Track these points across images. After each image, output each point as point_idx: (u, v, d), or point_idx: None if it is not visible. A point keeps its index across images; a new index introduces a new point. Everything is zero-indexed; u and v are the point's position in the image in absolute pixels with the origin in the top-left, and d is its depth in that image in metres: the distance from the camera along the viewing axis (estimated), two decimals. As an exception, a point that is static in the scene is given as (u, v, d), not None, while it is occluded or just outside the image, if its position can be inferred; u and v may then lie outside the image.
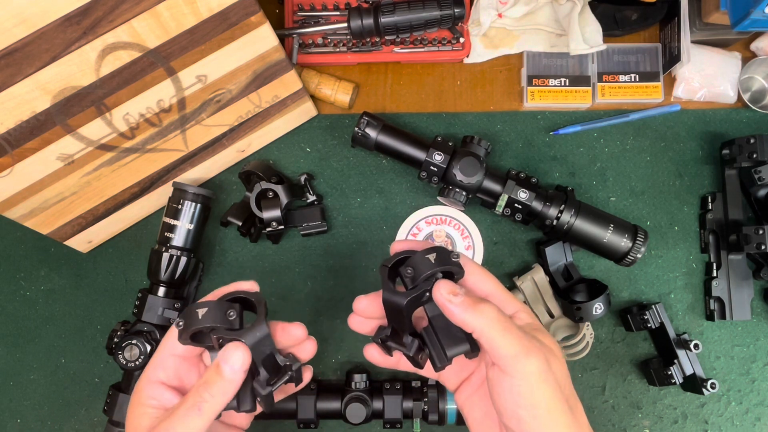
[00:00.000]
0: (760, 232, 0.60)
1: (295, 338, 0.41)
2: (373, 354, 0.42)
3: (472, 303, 0.36)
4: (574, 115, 0.70)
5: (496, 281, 0.40)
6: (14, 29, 0.41)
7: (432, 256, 0.37)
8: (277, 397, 0.42)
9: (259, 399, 0.39)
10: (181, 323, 0.37)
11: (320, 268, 0.68)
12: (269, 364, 0.39)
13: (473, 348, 0.39)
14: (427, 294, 0.38)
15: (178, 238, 0.61)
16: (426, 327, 0.40)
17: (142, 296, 0.62)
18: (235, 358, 0.36)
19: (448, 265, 0.37)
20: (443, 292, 0.36)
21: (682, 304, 0.67)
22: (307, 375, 0.42)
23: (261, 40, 0.54)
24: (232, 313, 0.37)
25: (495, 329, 0.35)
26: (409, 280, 0.37)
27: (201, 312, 0.37)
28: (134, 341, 0.59)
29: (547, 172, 0.69)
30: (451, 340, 0.39)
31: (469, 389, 0.42)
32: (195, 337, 0.39)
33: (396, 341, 0.39)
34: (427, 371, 0.42)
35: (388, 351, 0.41)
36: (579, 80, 0.69)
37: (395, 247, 0.40)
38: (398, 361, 0.43)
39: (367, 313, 0.41)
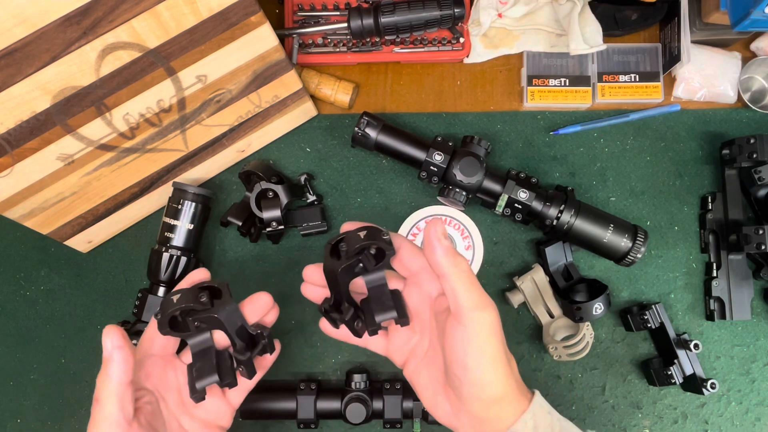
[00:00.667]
0: (760, 232, 0.60)
1: (263, 306, 0.45)
2: (327, 327, 0.47)
3: (454, 251, 0.40)
4: (574, 115, 0.70)
5: (423, 256, 0.43)
6: (14, 29, 0.41)
7: (363, 233, 0.41)
8: (259, 372, 0.47)
9: (240, 369, 0.45)
10: (158, 315, 0.42)
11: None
12: (243, 335, 0.44)
13: (400, 314, 0.43)
14: (360, 265, 0.42)
15: (178, 238, 0.61)
16: (365, 298, 0.44)
17: (142, 296, 0.62)
18: (107, 339, 0.39)
19: (377, 241, 0.41)
20: (437, 230, 0.40)
21: (682, 304, 0.67)
22: (277, 345, 0.48)
23: (261, 40, 0.54)
24: (202, 296, 0.42)
25: (462, 280, 0.39)
26: (344, 254, 0.42)
27: (175, 298, 0.42)
28: (134, 341, 0.59)
29: (547, 172, 0.69)
30: (380, 307, 0.43)
31: (415, 361, 0.45)
32: (174, 326, 0.43)
33: (336, 310, 0.44)
34: (374, 346, 0.47)
35: (334, 323, 0.46)
36: (579, 80, 0.69)
37: (344, 228, 0.44)
38: (347, 335, 0.46)
39: (313, 278, 0.46)
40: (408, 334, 0.46)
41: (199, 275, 0.46)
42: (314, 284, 0.46)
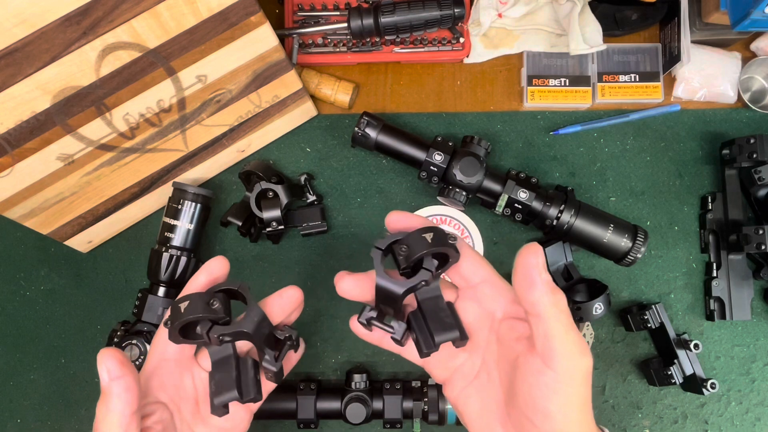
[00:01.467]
0: (760, 232, 0.60)
1: (291, 303, 0.41)
2: (359, 328, 0.40)
3: (555, 287, 0.33)
4: (574, 115, 0.70)
5: (491, 267, 0.38)
6: (14, 29, 0.41)
7: (429, 236, 0.35)
8: (285, 370, 0.42)
9: (270, 375, 0.40)
10: (167, 322, 0.37)
11: (320, 268, 0.68)
12: (271, 342, 0.39)
13: (462, 336, 0.37)
14: (423, 282, 0.36)
15: (178, 238, 0.61)
16: (414, 311, 0.38)
17: (142, 296, 0.62)
18: (105, 363, 0.35)
19: (445, 247, 0.35)
20: (538, 261, 0.33)
21: (682, 304, 0.67)
22: (302, 343, 0.44)
23: (261, 40, 0.54)
24: (214, 302, 0.37)
25: (562, 323, 0.33)
26: (403, 259, 0.35)
27: (183, 306, 0.37)
28: (134, 341, 0.59)
29: (547, 172, 0.69)
30: (439, 325, 0.37)
31: (462, 381, 0.40)
32: (186, 334, 0.38)
33: (382, 322, 0.38)
34: (410, 355, 0.41)
35: (370, 328, 0.40)
36: (579, 80, 0.69)
37: (391, 218, 0.39)
38: (381, 339, 0.41)
39: (350, 294, 0.39)
40: (455, 350, 0.40)
41: (217, 266, 0.40)
42: (351, 298, 0.40)
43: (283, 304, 0.41)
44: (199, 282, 0.40)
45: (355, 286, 0.39)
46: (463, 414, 0.40)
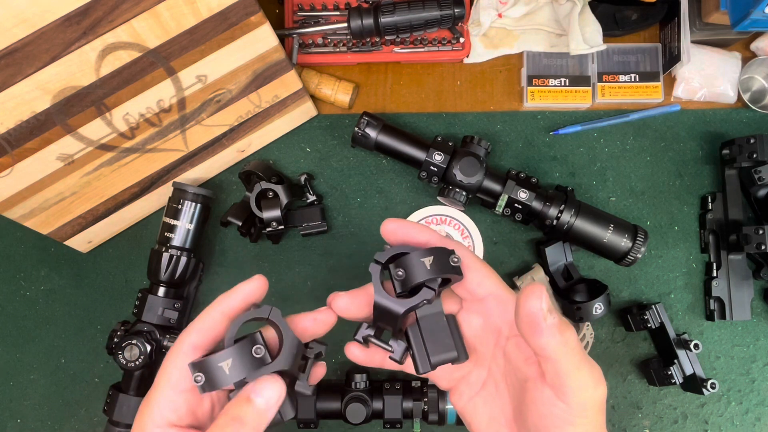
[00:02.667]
0: (760, 232, 0.60)
1: (325, 327, 0.39)
2: (356, 353, 0.39)
3: (562, 328, 0.31)
4: (574, 115, 0.70)
5: (498, 279, 0.36)
6: (14, 29, 0.41)
7: (428, 261, 0.33)
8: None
9: (303, 393, 0.38)
10: (201, 379, 0.32)
11: (320, 268, 0.68)
12: (303, 365, 0.38)
13: (461, 356, 0.36)
14: (425, 301, 0.34)
15: (178, 238, 0.61)
16: (412, 326, 0.36)
17: (142, 296, 0.62)
18: (271, 393, 0.32)
19: (445, 274, 0.33)
20: (540, 306, 0.31)
21: (682, 304, 0.67)
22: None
23: (261, 40, 0.54)
24: (259, 350, 0.33)
25: (572, 360, 0.32)
26: (399, 284, 0.34)
27: (225, 366, 0.32)
28: (134, 341, 0.59)
29: (547, 172, 0.69)
30: (438, 346, 0.35)
31: (469, 391, 0.38)
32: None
33: (380, 340, 0.37)
34: (411, 369, 0.39)
35: (367, 345, 0.38)
36: (579, 80, 0.69)
37: (387, 228, 0.36)
38: (383, 361, 0.39)
39: (347, 313, 0.38)
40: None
41: (255, 291, 0.36)
42: (348, 317, 0.38)
43: (317, 329, 0.38)
44: (231, 305, 0.36)
45: (350, 303, 0.37)
46: (471, 424, 0.39)
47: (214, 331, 0.35)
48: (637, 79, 0.69)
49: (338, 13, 0.69)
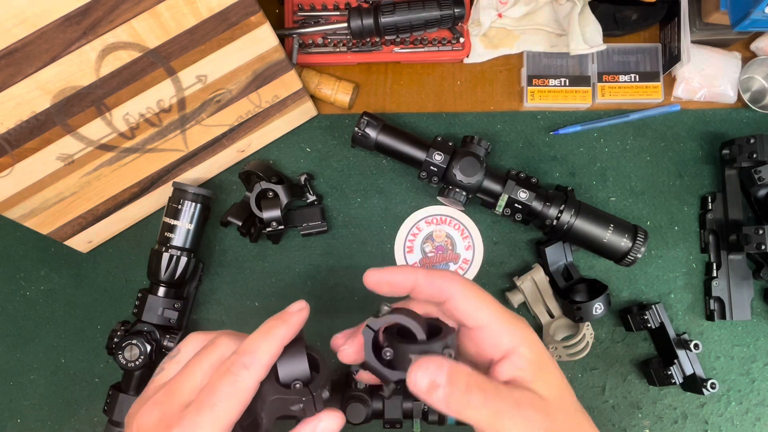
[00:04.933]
0: (760, 232, 0.60)
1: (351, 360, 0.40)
2: (364, 377, 0.41)
3: (462, 392, 0.31)
4: (574, 115, 0.70)
5: (493, 306, 0.35)
6: (14, 29, 0.41)
7: (420, 347, 0.33)
8: None
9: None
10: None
11: (320, 268, 0.68)
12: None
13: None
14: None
15: (178, 238, 0.61)
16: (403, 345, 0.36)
17: (142, 296, 0.62)
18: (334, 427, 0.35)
19: (434, 354, 0.32)
20: (421, 384, 0.31)
21: (682, 304, 0.67)
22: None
23: (261, 40, 0.54)
24: (298, 386, 0.37)
25: (500, 419, 0.31)
26: (386, 363, 0.34)
27: (271, 401, 0.35)
28: (134, 341, 0.59)
29: (547, 172, 0.69)
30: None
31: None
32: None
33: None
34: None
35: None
36: (579, 80, 0.69)
37: (370, 281, 0.36)
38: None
39: (348, 357, 0.39)
40: None
41: (300, 321, 0.39)
42: (349, 360, 0.40)
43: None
44: (278, 338, 0.37)
45: (349, 346, 0.39)
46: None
47: (275, 359, 0.37)
48: (637, 79, 0.69)
49: (338, 13, 0.69)
